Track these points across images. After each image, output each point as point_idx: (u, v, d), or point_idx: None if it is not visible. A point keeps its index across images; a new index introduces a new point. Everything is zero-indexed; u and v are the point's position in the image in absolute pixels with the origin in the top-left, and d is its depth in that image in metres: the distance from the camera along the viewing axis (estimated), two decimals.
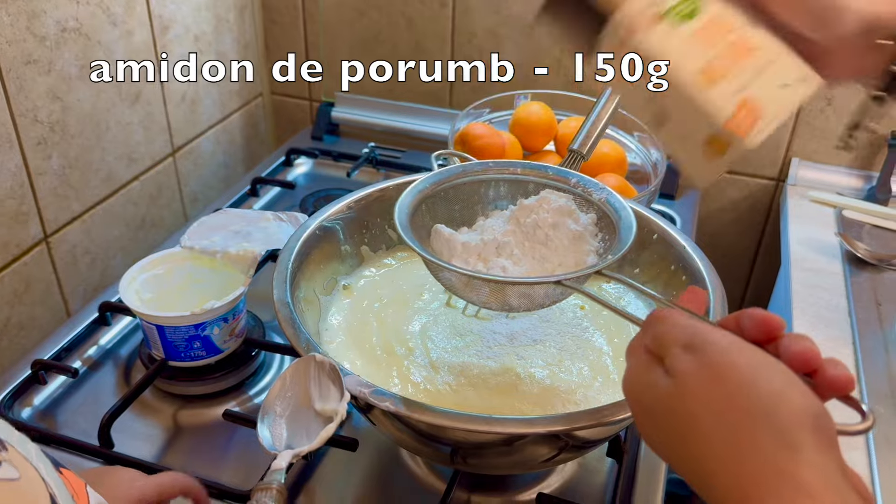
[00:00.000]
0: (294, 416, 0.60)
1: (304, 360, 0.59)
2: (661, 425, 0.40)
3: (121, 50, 1.01)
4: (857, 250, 0.98)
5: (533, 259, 0.62)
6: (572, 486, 0.72)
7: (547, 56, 1.20)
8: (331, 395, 0.57)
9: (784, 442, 0.35)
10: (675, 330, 0.40)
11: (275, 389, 0.60)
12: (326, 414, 0.58)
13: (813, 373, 0.38)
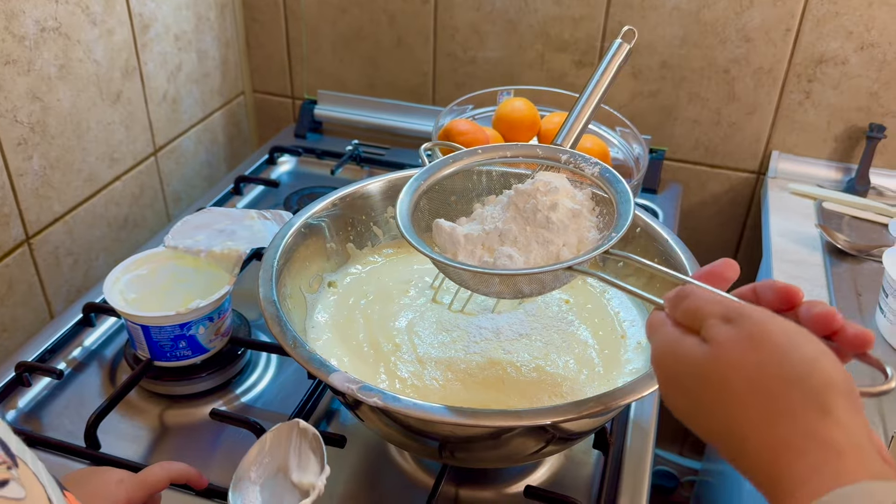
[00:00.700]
0: (269, 484, 0.57)
1: (287, 425, 0.57)
2: (693, 393, 0.40)
3: (101, 49, 1.01)
4: (837, 241, 0.99)
5: (537, 243, 0.61)
6: (559, 478, 0.73)
7: (530, 51, 1.20)
8: (310, 466, 0.55)
9: (817, 405, 0.36)
10: (709, 304, 0.42)
11: (252, 454, 0.57)
12: (303, 487, 0.55)
13: (833, 334, 0.40)
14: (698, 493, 1.39)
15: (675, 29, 1.13)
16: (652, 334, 0.45)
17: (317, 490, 0.54)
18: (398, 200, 0.64)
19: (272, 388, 0.82)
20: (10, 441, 0.32)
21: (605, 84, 0.80)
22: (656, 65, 1.16)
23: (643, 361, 0.69)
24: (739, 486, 0.96)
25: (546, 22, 1.18)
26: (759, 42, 1.11)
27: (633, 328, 0.73)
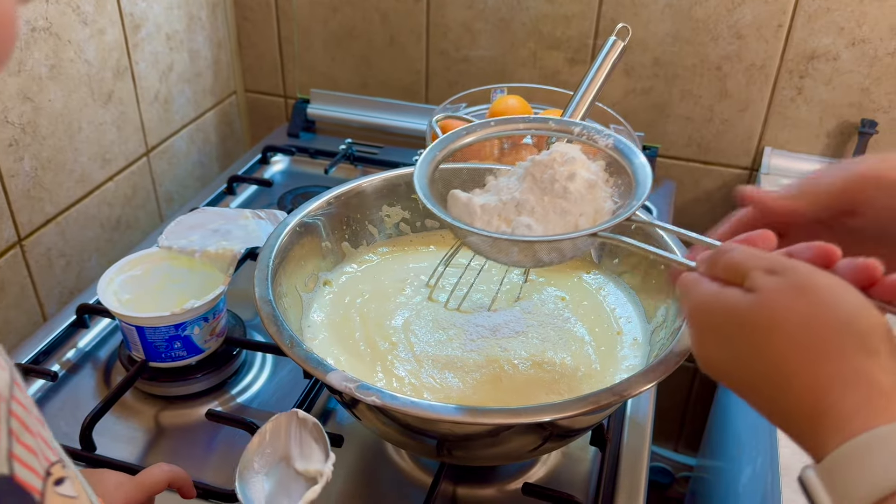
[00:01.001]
0: (273, 473, 0.57)
1: (285, 416, 0.57)
2: (734, 341, 0.42)
3: (92, 49, 1.00)
4: None
5: (554, 213, 0.61)
6: (557, 475, 0.73)
7: (522, 49, 1.20)
8: (313, 454, 0.55)
9: (865, 347, 0.38)
10: (752, 258, 0.43)
11: (253, 445, 0.57)
12: (309, 475, 0.55)
13: (872, 285, 0.41)
14: (693, 488, 1.39)
15: (668, 26, 1.13)
16: (687, 292, 0.46)
17: (325, 476, 0.54)
18: (415, 172, 0.62)
19: (268, 388, 0.82)
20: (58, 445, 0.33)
21: (599, 81, 0.80)
22: (649, 62, 1.16)
23: (640, 358, 0.69)
24: (736, 482, 0.97)
25: (538, 20, 1.18)
26: (751, 38, 1.11)
27: (628, 325, 0.73)
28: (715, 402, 1.30)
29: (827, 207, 0.51)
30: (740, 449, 0.98)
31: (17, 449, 0.31)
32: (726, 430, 1.13)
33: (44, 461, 0.32)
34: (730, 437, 1.09)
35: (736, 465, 0.99)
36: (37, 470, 0.31)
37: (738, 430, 1.04)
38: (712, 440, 1.25)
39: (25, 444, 0.31)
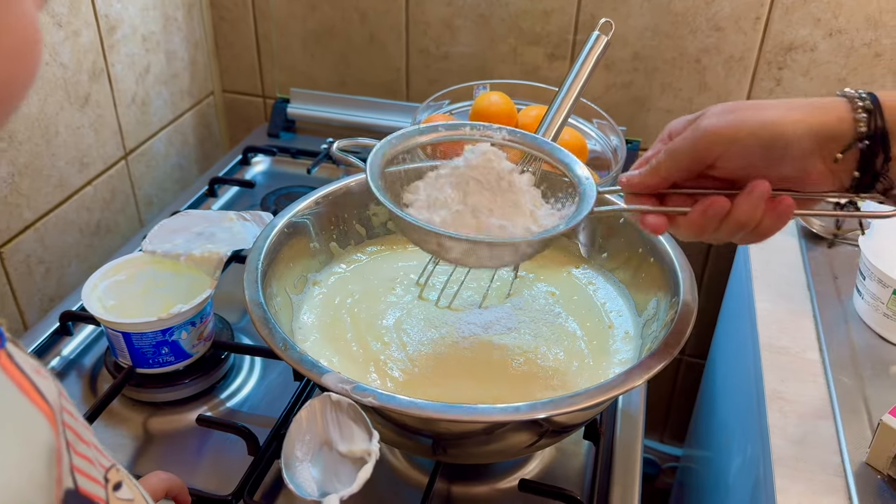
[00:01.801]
0: (317, 459, 0.56)
1: (318, 401, 0.56)
2: None
3: (67, 51, 0.98)
4: (812, 226, 1.00)
5: (510, 208, 0.61)
6: (551, 470, 0.73)
7: (502, 45, 1.20)
8: (355, 435, 0.54)
9: None
10: None
11: (292, 434, 0.56)
12: (355, 455, 0.54)
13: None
14: (680, 479, 1.40)
15: (647, 20, 1.13)
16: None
17: (374, 455, 0.53)
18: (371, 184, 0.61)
19: (257, 392, 0.81)
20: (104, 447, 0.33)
21: (584, 76, 0.80)
22: (628, 56, 1.17)
23: (632, 351, 0.69)
24: (725, 471, 0.97)
25: (518, 15, 1.17)
26: (730, 31, 1.12)
27: (619, 318, 0.73)
28: (700, 393, 1.31)
29: (686, 170, 0.56)
30: (729, 438, 0.99)
31: (77, 460, 0.31)
32: (713, 421, 1.14)
33: (100, 468, 0.32)
34: (717, 427, 1.10)
35: (725, 454, 1.00)
36: (97, 478, 0.31)
37: (725, 420, 1.05)
38: (699, 430, 1.26)
39: (82, 454, 0.31)
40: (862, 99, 0.52)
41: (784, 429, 0.73)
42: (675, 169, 0.56)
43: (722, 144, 0.54)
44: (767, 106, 0.54)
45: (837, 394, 0.76)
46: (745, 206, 0.53)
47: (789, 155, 0.53)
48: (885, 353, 0.82)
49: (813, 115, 0.52)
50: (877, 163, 0.52)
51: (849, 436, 0.72)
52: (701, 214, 0.55)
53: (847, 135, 0.52)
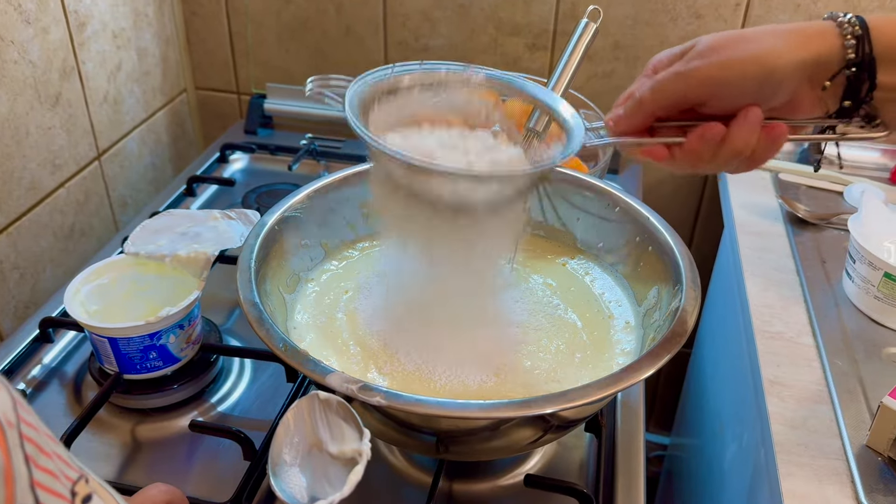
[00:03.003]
0: (306, 462, 0.54)
1: (305, 400, 0.54)
2: None
3: (36, 49, 0.95)
4: (798, 211, 1.01)
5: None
6: (554, 464, 0.72)
7: (483, 36, 1.19)
8: (345, 434, 0.52)
9: None
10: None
11: (279, 437, 0.53)
12: (346, 456, 0.52)
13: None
14: (668, 467, 1.41)
15: (627, 8, 1.13)
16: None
17: (364, 455, 0.51)
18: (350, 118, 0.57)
19: (249, 395, 0.79)
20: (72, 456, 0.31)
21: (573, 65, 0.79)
22: (609, 46, 1.16)
23: (634, 342, 0.68)
24: (720, 459, 0.98)
25: (497, 6, 1.16)
26: (710, 18, 1.12)
27: (619, 308, 0.72)
28: (687, 381, 1.32)
29: (673, 108, 0.56)
30: (722, 426, 0.99)
31: (38, 475, 0.28)
32: (703, 409, 1.14)
33: (65, 481, 0.30)
34: (708, 415, 1.10)
35: (718, 442, 1.00)
36: (61, 493, 0.28)
37: (717, 408, 1.05)
38: (688, 419, 1.27)
39: (44, 467, 0.29)
40: (851, 24, 0.52)
41: (783, 414, 0.73)
42: (661, 107, 0.56)
43: (712, 87, 0.54)
44: (756, 37, 0.53)
45: (833, 378, 0.76)
46: (741, 132, 0.53)
47: (781, 89, 0.53)
48: (876, 335, 0.82)
49: (804, 46, 0.52)
50: (862, 90, 0.53)
51: (847, 419, 0.72)
52: (698, 140, 0.54)
53: (835, 62, 0.52)
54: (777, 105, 0.54)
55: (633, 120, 0.58)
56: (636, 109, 0.57)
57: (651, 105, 0.56)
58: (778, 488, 0.66)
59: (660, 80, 0.55)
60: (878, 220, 0.88)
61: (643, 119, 0.57)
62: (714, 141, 0.54)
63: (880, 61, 0.52)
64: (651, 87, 0.55)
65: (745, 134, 0.53)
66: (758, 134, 0.54)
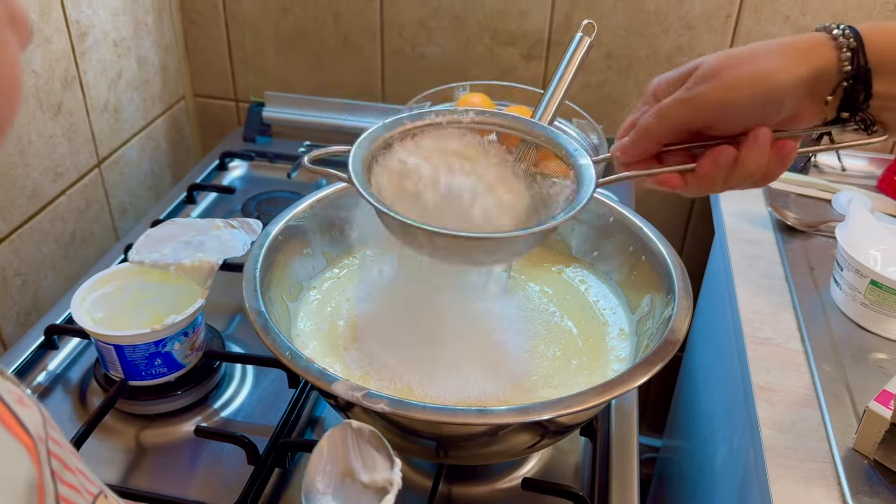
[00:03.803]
0: (339, 491, 0.55)
1: (338, 429, 0.55)
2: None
3: (38, 59, 0.96)
4: (787, 219, 1.03)
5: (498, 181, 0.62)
6: (550, 468, 0.74)
7: (478, 45, 1.21)
8: (377, 464, 0.54)
9: None
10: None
11: (312, 465, 0.54)
12: (377, 485, 0.53)
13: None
14: (660, 470, 1.43)
15: (620, 19, 1.15)
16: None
17: (395, 485, 0.52)
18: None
19: (251, 400, 0.80)
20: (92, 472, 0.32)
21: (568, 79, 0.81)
22: (602, 56, 1.18)
23: (628, 348, 0.70)
24: (710, 461, 1.00)
25: (493, 16, 1.18)
26: (701, 29, 1.14)
27: (613, 315, 0.74)
28: (679, 384, 1.34)
29: (680, 133, 0.57)
30: (714, 429, 1.01)
31: (62, 490, 0.30)
32: (695, 412, 1.17)
33: (87, 496, 0.31)
34: (699, 418, 1.12)
35: (710, 445, 1.02)
36: None
37: (708, 411, 1.07)
38: (679, 422, 1.29)
39: (68, 482, 0.30)
40: (846, 37, 0.53)
41: (772, 418, 0.75)
42: (668, 134, 0.56)
43: (719, 110, 0.54)
44: (756, 56, 0.54)
45: (821, 382, 0.78)
46: (752, 154, 0.54)
47: (784, 106, 0.54)
48: (863, 341, 0.84)
49: (803, 62, 0.53)
50: (859, 100, 0.54)
51: (835, 423, 0.74)
52: (711, 165, 0.55)
53: (833, 75, 0.54)
54: (782, 119, 0.55)
55: (640, 149, 0.58)
56: (643, 138, 0.57)
57: (658, 133, 0.56)
58: (767, 490, 0.68)
59: (664, 106, 0.56)
60: (865, 229, 0.90)
61: (650, 147, 0.58)
62: (727, 165, 0.55)
63: (875, 71, 0.53)
64: (656, 114, 0.56)
65: (757, 155, 0.54)
66: (768, 153, 0.54)
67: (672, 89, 0.57)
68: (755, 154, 0.54)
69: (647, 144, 0.57)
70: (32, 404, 0.30)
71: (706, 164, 0.55)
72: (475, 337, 0.70)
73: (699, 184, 0.57)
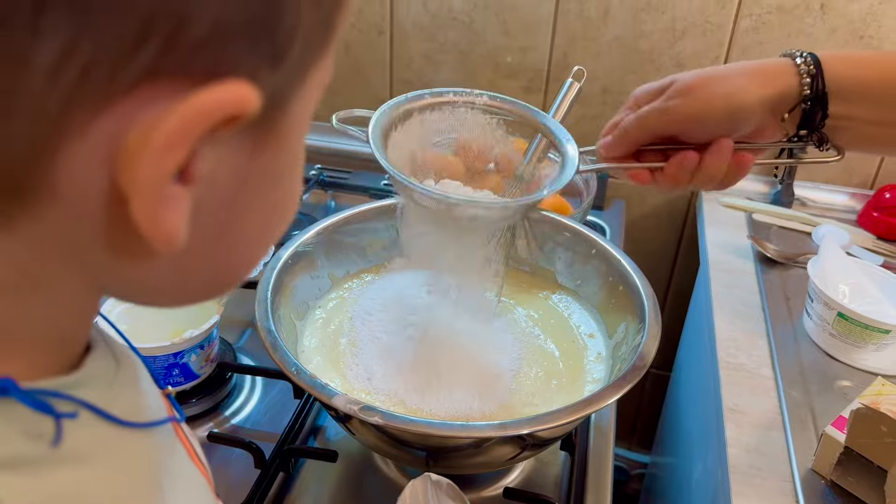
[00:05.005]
0: None
1: (419, 481, 0.60)
2: None
3: None
4: (766, 251, 1.09)
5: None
6: (532, 478, 0.80)
7: (481, 79, 1.28)
8: None
9: None
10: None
11: None
12: None
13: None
14: (647, 485, 1.49)
15: (615, 58, 1.22)
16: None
17: None
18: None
19: (259, 409, 0.87)
20: None
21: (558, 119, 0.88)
22: (598, 91, 1.25)
23: (603, 371, 0.77)
24: (689, 478, 1.06)
25: (495, 51, 1.25)
26: (691, 67, 1.19)
27: (592, 340, 0.81)
28: (666, 404, 1.40)
29: (655, 137, 0.65)
30: (692, 447, 1.07)
31: None
32: (677, 430, 1.23)
33: None
34: (681, 436, 1.18)
35: (688, 462, 1.08)
36: None
37: (689, 430, 1.13)
38: (664, 439, 1.35)
39: None
40: (807, 63, 0.61)
41: (739, 439, 0.81)
42: (645, 137, 0.65)
43: (690, 122, 0.63)
44: (726, 77, 0.62)
45: (788, 407, 0.84)
46: (713, 161, 0.63)
47: (748, 122, 0.62)
48: (830, 369, 0.90)
49: (768, 85, 0.61)
50: (816, 119, 0.62)
51: (797, 445, 0.80)
52: (677, 167, 0.64)
53: (794, 97, 0.62)
54: (745, 133, 0.64)
55: (620, 148, 0.67)
56: (623, 138, 0.67)
57: (636, 135, 0.66)
58: None
59: (643, 114, 0.65)
60: (836, 264, 0.97)
61: (629, 146, 0.67)
62: (690, 168, 0.64)
63: (832, 95, 0.61)
64: (636, 120, 0.65)
65: (718, 162, 0.63)
66: (728, 162, 0.63)
67: (651, 99, 0.66)
68: (717, 161, 0.63)
69: (626, 145, 0.67)
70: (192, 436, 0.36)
71: (673, 166, 0.64)
72: (466, 357, 0.77)
73: (666, 181, 0.66)
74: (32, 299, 0.25)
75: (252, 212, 0.28)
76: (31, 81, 0.20)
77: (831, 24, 1.13)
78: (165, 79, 0.21)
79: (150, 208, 0.23)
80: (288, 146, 0.28)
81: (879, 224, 1.16)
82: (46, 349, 0.27)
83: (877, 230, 1.16)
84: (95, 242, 0.24)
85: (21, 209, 0.22)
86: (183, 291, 0.30)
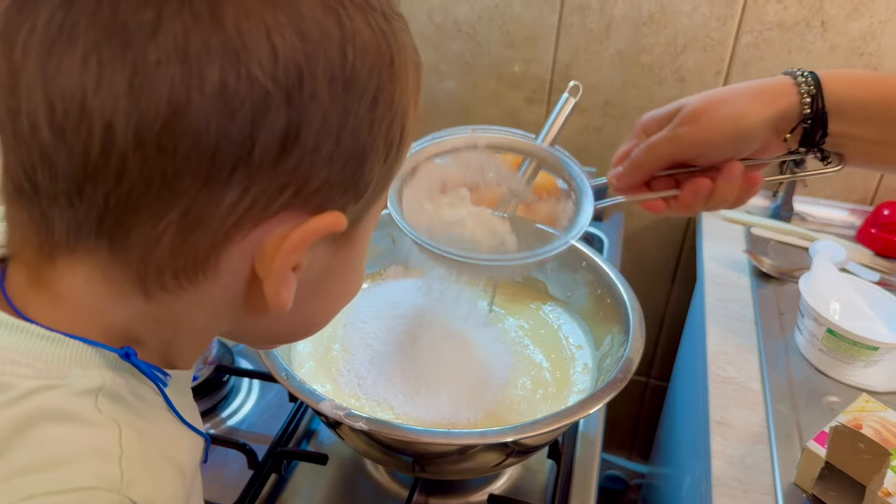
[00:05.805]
0: None
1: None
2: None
3: None
4: (762, 266, 1.10)
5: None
6: (518, 486, 0.82)
7: (484, 88, 1.30)
8: None
9: None
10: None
11: None
12: None
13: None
14: (645, 495, 1.50)
15: (617, 71, 1.24)
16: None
17: None
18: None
19: (255, 412, 0.89)
20: None
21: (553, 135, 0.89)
22: (600, 103, 1.27)
23: (589, 382, 0.78)
24: (679, 488, 1.07)
25: (499, 63, 1.27)
26: (693, 82, 1.22)
27: (580, 352, 0.82)
28: (663, 414, 1.41)
29: (665, 165, 0.67)
30: (683, 458, 1.09)
31: None
32: (672, 441, 1.24)
33: None
34: (675, 447, 1.19)
35: (680, 472, 1.09)
36: None
37: (681, 442, 1.14)
38: (661, 449, 1.36)
39: None
40: (808, 84, 0.63)
41: (724, 451, 0.82)
42: (656, 166, 0.66)
43: (700, 147, 0.64)
44: (731, 99, 0.64)
45: (774, 421, 0.85)
46: (726, 185, 0.65)
47: (754, 142, 0.64)
48: (819, 384, 0.91)
49: (771, 105, 0.63)
50: (816, 136, 0.64)
51: (781, 459, 0.81)
52: (692, 195, 0.65)
53: (795, 116, 0.63)
54: (751, 152, 0.66)
55: (631, 178, 0.68)
56: (635, 169, 0.68)
57: (647, 166, 0.67)
58: None
59: (653, 143, 0.66)
60: (828, 280, 0.97)
61: (641, 176, 0.68)
62: (704, 195, 0.66)
63: (831, 114, 0.63)
64: (646, 149, 0.66)
65: (730, 186, 0.65)
66: (740, 184, 0.65)
67: (658, 126, 0.67)
68: (729, 185, 0.65)
69: (638, 175, 0.68)
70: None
71: (688, 194, 0.66)
72: (455, 365, 0.79)
73: (680, 208, 0.68)
74: (173, 335, 0.38)
75: (332, 288, 0.42)
76: (219, 210, 0.33)
77: (831, 41, 1.14)
78: (294, 210, 0.35)
79: (275, 287, 0.36)
80: (359, 248, 0.42)
81: (877, 240, 1.17)
82: (169, 355, 0.40)
83: (875, 246, 1.17)
84: (231, 304, 0.38)
85: (189, 283, 0.35)
86: (274, 338, 0.48)
